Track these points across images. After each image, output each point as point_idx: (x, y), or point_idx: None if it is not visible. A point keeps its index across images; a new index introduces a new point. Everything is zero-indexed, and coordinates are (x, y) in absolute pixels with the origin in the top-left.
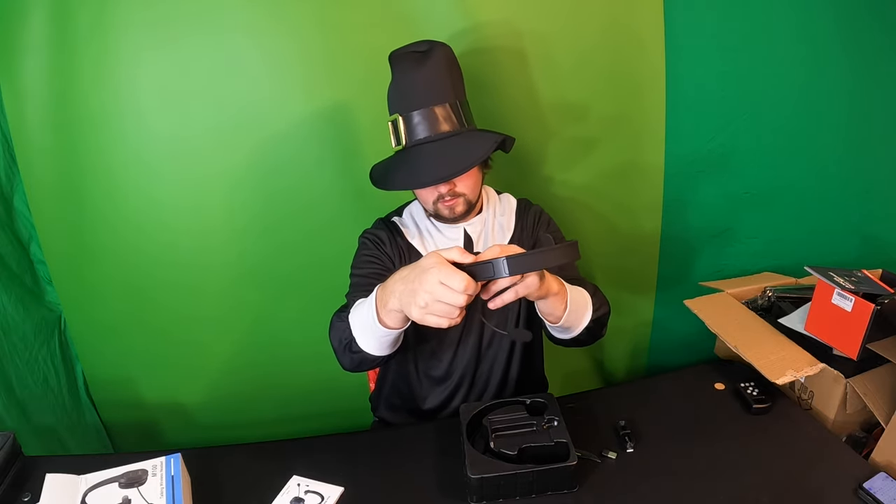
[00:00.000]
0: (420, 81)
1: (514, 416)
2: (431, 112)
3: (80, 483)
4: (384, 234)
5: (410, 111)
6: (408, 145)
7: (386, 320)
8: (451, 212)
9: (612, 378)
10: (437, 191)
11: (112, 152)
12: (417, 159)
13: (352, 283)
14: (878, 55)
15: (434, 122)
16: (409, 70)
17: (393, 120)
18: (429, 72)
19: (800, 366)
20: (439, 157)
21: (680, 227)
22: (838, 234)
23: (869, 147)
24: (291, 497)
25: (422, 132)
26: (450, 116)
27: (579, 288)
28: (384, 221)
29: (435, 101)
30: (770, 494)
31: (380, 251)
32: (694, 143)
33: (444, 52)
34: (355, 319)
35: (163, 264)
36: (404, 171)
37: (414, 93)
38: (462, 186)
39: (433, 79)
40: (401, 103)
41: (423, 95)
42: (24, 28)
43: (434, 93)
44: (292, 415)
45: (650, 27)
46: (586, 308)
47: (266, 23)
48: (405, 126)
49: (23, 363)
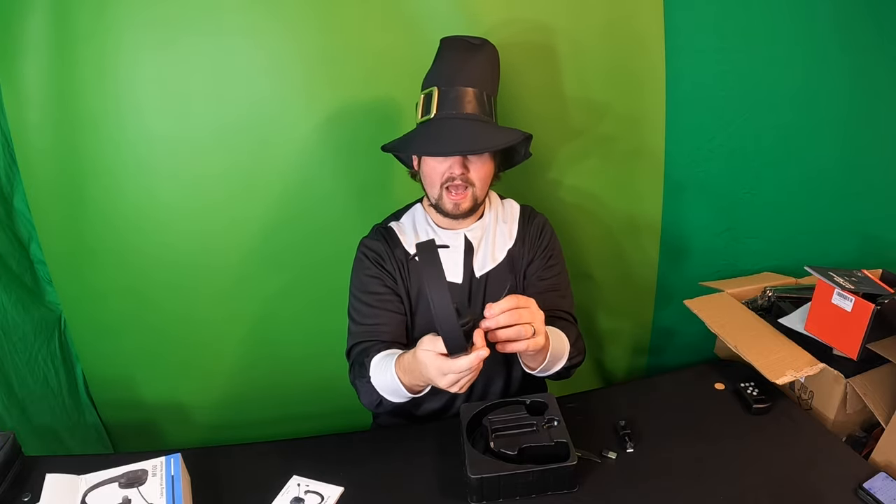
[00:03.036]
0: (469, 63)
1: (514, 416)
2: (468, 92)
3: (80, 483)
4: (382, 246)
5: (451, 85)
6: (437, 116)
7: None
8: (456, 207)
9: (612, 378)
10: (451, 171)
11: (112, 152)
12: (442, 131)
13: (353, 307)
14: (877, 55)
15: (469, 102)
16: (459, 52)
17: (428, 93)
18: (479, 59)
19: (800, 366)
20: (465, 133)
21: (680, 227)
22: (838, 234)
23: (869, 147)
24: (291, 497)
25: (454, 107)
26: (484, 104)
27: (562, 335)
28: (381, 229)
29: (477, 84)
30: (770, 494)
31: (379, 269)
32: (694, 143)
33: (495, 52)
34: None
35: (163, 264)
36: (427, 140)
37: (460, 71)
38: (475, 175)
39: (480, 67)
40: (441, 78)
41: (468, 76)
42: (24, 28)
43: (476, 78)
44: (292, 415)
45: (650, 27)
46: (561, 359)
47: (266, 23)
48: (439, 98)
49: (23, 363)
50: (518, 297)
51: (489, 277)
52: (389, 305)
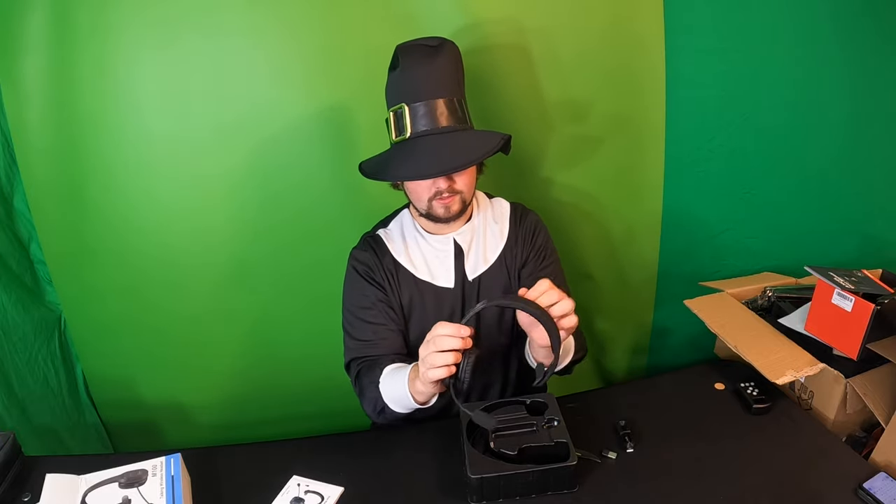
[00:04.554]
0: (431, 74)
1: (514, 416)
2: (438, 104)
3: (80, 483)
4: (370, 257)
5: (417, 101)
6: (412, 135)
7: (419, 398)
8: (447, 210)
9: (612, 378)
10: (436, 186)
11: (112, 152)
12: (421, 151)
13: (348, 321)
14: (876, 55)
15: (440, 115)
16: (420, 62)
17: (397, 110)
18: (440, 66)
19: (800, 366)
20: (443, 150)
21: (680, 227)
22: (838, 234)
23: (868, 147)
24: (291, 497)
25: (427, 124)
26: (455, 112)
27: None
28: (369, 238)
29: (443, 94)
30: (770, 494)
31: (369, 281)
32: (694, 143)
33: (455, 50)
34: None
35: (163, 264)
36: (406, 163)
37: (424, 84)
38: (461, 184)
39: (443, 73)
40: (407, 94)
41: (433, 88)
42: (24, 28)
43: (443, 86)
44: (292, 415)
45: (650, 27)
46: (568, 355)
47: (266, 23)
48: (410, 116)
49: (23, 363)
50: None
51: (482, 280)
52: (383, 318)
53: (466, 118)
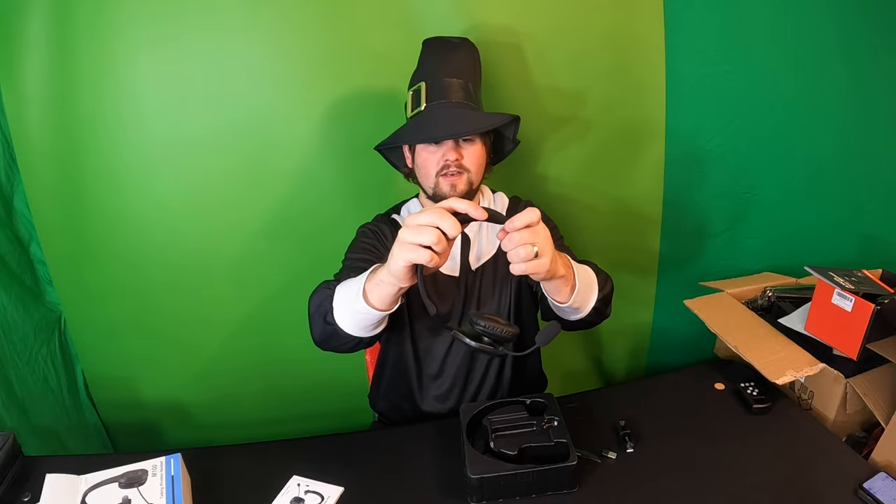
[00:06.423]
0: (449, 57)
1: (513, 416)
2: (454, 82)
3: (80, 483)
4: (386, 228)
5: (438, 77)
6: (427, 107)
7: (370, 297)
8: (453, 188)
9: (612, 378)
10: (445, 158)
11: (112, 153)
12: (432, 119)
13: (344, 266)
14: (876, 55)
15: (456, 92)
16: (441, 50)
17: (416, 88)
18: (460, 55)
19: (800, 366)
20: (455, 118)
21: (680, 227)
22: (838, 234)
23: (868, 147)
24: (291, 497)
25: (443, 96)
26: (470, 94)
27: (585, 267)
28: (385, 217)
29: (462, 76)
30: (770, 494)
31: (379, 242)
32: (694, 143)
33: (474, 48)
34: (341, 290)
35: (163, 265)
36: (419, 129)
37: (444, 65)
38: (469, 161)
39: (461, 60)
40: (426, 74)
41: (453, 68)
42: (24, 28)
43: (460, 71)
44: (292, 415)
45: (650, 27)
46: (592, 288)
47: (266, 23)
48: (427, 91)
49: (23, 363)
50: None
51: (484, 270)
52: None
53: (479, 102)
